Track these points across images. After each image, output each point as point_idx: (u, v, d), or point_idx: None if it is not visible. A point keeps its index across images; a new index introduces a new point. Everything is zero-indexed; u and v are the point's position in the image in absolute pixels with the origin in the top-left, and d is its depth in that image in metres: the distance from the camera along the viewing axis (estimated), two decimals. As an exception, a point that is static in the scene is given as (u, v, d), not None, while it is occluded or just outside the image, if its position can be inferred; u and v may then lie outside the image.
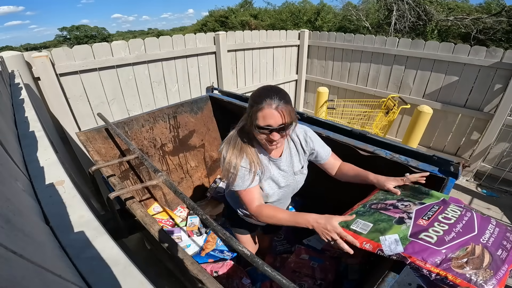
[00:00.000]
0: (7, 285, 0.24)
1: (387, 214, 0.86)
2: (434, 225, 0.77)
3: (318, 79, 4.30)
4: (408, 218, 0.81)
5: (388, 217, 0.85)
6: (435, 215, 0.81)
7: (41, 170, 0.73)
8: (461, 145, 3.21)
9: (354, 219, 0.88)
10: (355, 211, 0.94)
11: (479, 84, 2.89)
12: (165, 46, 2.73)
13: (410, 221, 0.80)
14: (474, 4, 13.18)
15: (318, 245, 1.95)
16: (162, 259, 1.74)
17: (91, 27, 47.19)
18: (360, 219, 0.87)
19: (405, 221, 0.80)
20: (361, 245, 0.80)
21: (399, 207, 0.88)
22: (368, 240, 0.79)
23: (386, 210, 0.88)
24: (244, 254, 0.74)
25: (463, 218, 0.79)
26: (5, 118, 0.91)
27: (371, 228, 0.82)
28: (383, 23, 11.14)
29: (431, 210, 0.84)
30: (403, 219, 0.81)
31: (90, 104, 2.41)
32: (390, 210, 0.88)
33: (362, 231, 0.82)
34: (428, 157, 1.24)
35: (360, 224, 0.85)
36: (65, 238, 0.52)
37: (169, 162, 2.22)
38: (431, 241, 0.71)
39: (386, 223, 0.82)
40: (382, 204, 0.93)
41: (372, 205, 0.95)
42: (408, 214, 0.83)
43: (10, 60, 1.93)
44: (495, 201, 2.83)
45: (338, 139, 1.49)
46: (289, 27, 13.51)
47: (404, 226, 0.79)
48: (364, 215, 0.90)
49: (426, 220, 0.79)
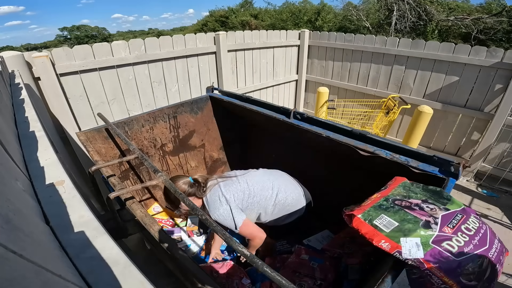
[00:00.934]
0: (7, 285, 0.24)
1: (413, 214, 0.82)
2: (457, 234, 0.75)
3: (319, 79, 4.30)
4: (434, 223, 0.79)
5: (414, 218, 0.81)
6: (459, 224, 0.79)
7: (41, 170, 0.73)
8: (462, 145, 3.21)
9: (379, 214, 0.84)
10: (378, 204, 0.89)
11: (479, 84, 2.89)
12: (165, 46, 2.73)
13: (436, 226, 0.77)
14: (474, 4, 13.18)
15: (318, 245, 1.95)
16: (162, 259, 1.74)
17: (92, 27, 47.16)
18: (385, 215, 0.83)
19: (431, 226, 0.77)
20: (377, 243, 0.77)
21: (425, 209, 0.85)
22: (388, 240, 0.76)
23: (412, 210, 0.84)
24: (244, 255, 0.74)
25: (480, 230, 0.78)
26: (5, 118, 0.91)
27: (395, 227, 0.78)
28: (383, 23, 11.13)
29: (455, 218, 0.81)
30: (429, 224, 0.78)
31: (90, 104, 2.42)
32: (415, 210, 0.84)
33: (384, 229, 0.79)
34: (429, 157, 1.24)
35: (385, 221, 0.81)
36: (65, 238, 0.52)
37: (169, 162, 2.22)
38: (452, 251, 0.70)
39: (412, 224, 0.79)
40: (407, 202, 0.89)
41: (396, 201, 0.90)
42: (434, 218, 0.80)
43: (10, 60, 1.93)
44: (496, 201, 2.83)
45: (338, 139, 1.49)
46: (290, 27, 13.50)
47: (430, 231, 0.76)
48: (388, 211, 0.85)
49: (451, 229, 0.77)
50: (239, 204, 1.49)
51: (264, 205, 1.57)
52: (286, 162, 2.48)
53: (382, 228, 0.79)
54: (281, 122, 1.76)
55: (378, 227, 0.79)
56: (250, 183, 1.56)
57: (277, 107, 1.82)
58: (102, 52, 2.34)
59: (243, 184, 1.54)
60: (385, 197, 0.93)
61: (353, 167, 1.81)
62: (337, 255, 1.73)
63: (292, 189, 1.68)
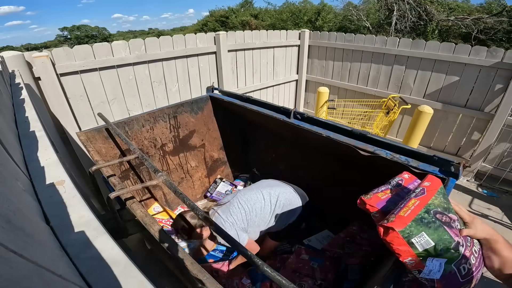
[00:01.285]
0: (7, 285, 0.24)
1: (450, 234, 0.74)
2: (470, 258, 0.73)
3: (319, 79, 4.30)
4: (461, 245, 0.73)
5: (449, 238, 0.73)
6: (471, 246, 0.76)
7: (41, 170, 0.73)
8: (462, 145, 3.21)
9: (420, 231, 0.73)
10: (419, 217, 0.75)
11: (479, 84, 2.89)
12: (166, 46, 2.73)
13: (462, 249, 0.73)
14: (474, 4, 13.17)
15: (318, 245, 1.95)
16: (162, 259, 1.74)
17: (92, 27, 47.13)
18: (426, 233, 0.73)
19: (459, 248, 0.72)
20: (404, 259, 0.71)
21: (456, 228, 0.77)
22: (416, 258, 0.70)
23: (450, 228, 0.75)
24: (244, 255, 0.74)
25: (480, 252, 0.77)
26: (5, 118, 0.91)
27: (430, 247, 0.71)
28: (383, 23, 11.13)
29: (469, 240, 0.77)
30: (459, 245, 0.72)
31: (90, 104, 2.42)
32: (453, 229, 0.76)
33: (419, 247, 0.71)
34: (429, 157, 1.24)
35: (423, 240, 0.72)
36: (66, 238, 0.52)
37: (169, 162, 2.22)
38: (462, 273, 0.70)
39: (446, 246, 0.72)
40: (447, 217, 0.78)
41: (437, 214, 0.77)
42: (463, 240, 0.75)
43: (10, 60, 1.93)
44: (496, 201, 2.83)
45: (338, 139, 1.49)
46: (290, 27, 13.50)
47: (457, 253, 0.72)
48: (429, 226, 0.73)
49: (469, 252, 0.74)
50: (241, 225, 1.61)
51: (262, 215, 1.68)
52: (286, 162, 2.48)
53: (417, 247, 0.71)
54: (281, 122, 1.76)
55: (413, 245, 0.71)
56: (242, 201, 1.67)
57: (277, 107, 1.82)
58: (102, 52, 2.34)
59: (237, 205, 1.65)
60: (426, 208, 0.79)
61: (353, 167, 1.81)
62: (337, 255, 1.73)
63: (280, 189, 1.76)
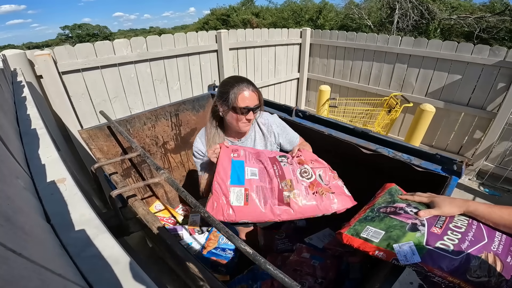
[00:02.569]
0: (5, 284, 0.24)
1: (399, 219, 0.81)
2: (447, 233, 0.74)
3: (320, 77, 4.29)
4: (421, 225, 0.77)
5: (400, 223, 0.80)
6: (446, 223, 0.78)
7: (42, 167, 0.73)
8: (464, 143, 3.19)
9: (364, 226, 0.83)
10: (363, 216, 0.88)
11: (482, 83, 2.87)
12: (167, 44, 2.72)
13: (424, 228, 0.76)
14: (477, 3, 13.11)
15: (320, 244, 1.94)
16: (163, 257, 1.74)
17: (93, 26, 47.13)
18: (371, 225, 0.82)
19: (418, 228, 0.76)
20: (372, 253, 0.77)
21: (409, 212, 0.83)
22: (381, 249, 0.75)
23: (397, 215, 0.83)
24: (246, 252, 0.74)
25: (471, 226, 0.76)
26: (7, 115, 0.91)
27: (383, 236, 0.77)
28: (385, 22, 11.09)
29: (440, 218, 0.80)
30: (417, 226, 0.77)
31: (92, 102, 2.42)
32: (401, 215, 0.83)
33: (373, 239, 0.78)
34: (431, 156, 1.23)
35: (371, 232, 0.80)
36: (66, 236, 0.52)
37: (171, 160, 2.22)
38: (448, 250, 0.70)
39: (399, 230, 0.77)
40: (391, 208, 0.87)
41: (380, 209, 0.89)
42: (420, 220, 0.79)
43: (12, 58, 1.93)
44: (498, 200, 2.82)
45: (340, 137, 1.48)
46: (291, 26, 13.46)
47: (419, 233, 0.75)
48: (374, 220, 0.84)
49: (439, 228, 0.76)
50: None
51: None
52: (287, 161, 2.47)
53: (371, 239, 0.78)
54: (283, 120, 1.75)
55: (368, 239, 0.79)
56: None
57: (279, 105, 1.81)
58: (104, 50, 2.34)
59: None
60: (371, 208, 0.92)
61: (355, 165, 1.80)
62: (339, 254, 1.73)
63: None
